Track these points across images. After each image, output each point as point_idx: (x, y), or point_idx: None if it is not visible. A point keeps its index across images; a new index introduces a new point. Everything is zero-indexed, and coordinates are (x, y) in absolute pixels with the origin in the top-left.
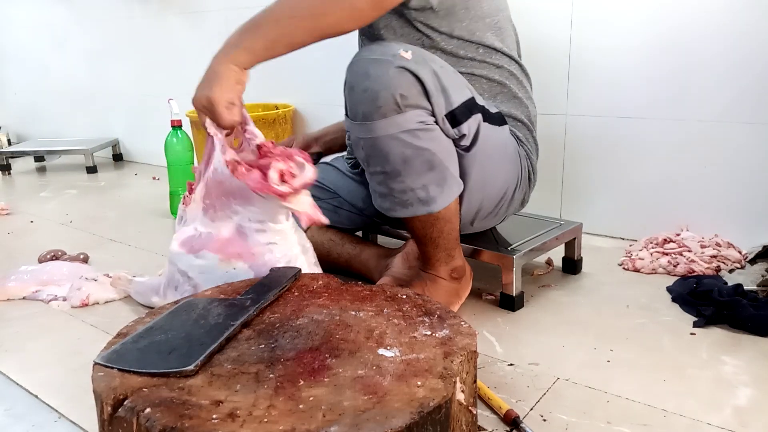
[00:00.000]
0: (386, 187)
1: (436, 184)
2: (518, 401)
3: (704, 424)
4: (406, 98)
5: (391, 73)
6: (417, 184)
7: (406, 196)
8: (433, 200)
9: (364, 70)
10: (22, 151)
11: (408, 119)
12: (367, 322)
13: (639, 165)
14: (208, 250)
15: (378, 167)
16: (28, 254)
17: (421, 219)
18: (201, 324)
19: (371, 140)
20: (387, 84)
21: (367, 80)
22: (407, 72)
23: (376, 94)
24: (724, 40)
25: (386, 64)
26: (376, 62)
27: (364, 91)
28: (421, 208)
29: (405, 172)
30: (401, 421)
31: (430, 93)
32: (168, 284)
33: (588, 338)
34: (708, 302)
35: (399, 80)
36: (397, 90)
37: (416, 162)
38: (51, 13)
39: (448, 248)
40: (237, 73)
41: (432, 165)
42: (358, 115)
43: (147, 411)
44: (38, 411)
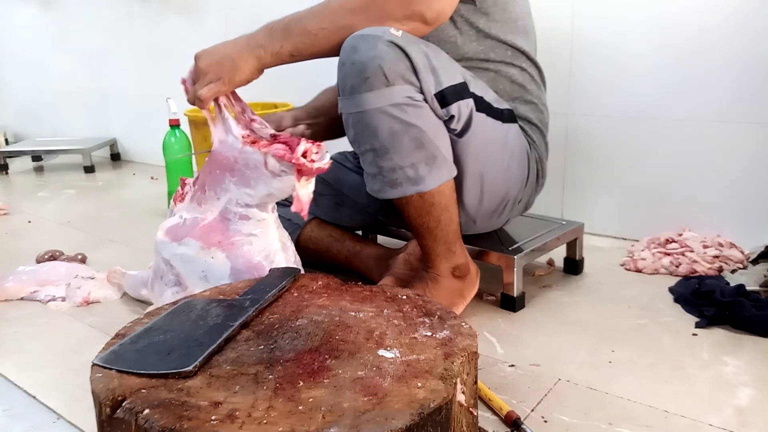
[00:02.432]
0: (375, 167)
1: (425, 162)
2: (519, 402)
3: (705, 424)
4: (393, 71)
5: (379, 47)
6: (405, 162)
7: (395, 175)
8: (422, 179)
9: (353, 44)
10: (20, 150)
11: (396, 93)
12: (367, 323)
13: (641, 165)
14: (191, 237)
15: (367, 145)
16: (26, 254)
17: (414, 205)
18: (200, 325)
19: (359, 115)
20: (374, 56)
21: (355, 54)
22: (396, 47)
23: (364, 66)
24: (726, 40)
25: (375, 39)
26: (365, 37)
27: (352, 64)
28: (410, 188)
29: (393, 149)
30: (401, 422)
31: (418, 70)
32: (155, 275)
33: (589, 339)
34: (710, 303)
35: (387, 53)
36: (384, 62)
37: (404, 138)
38: (49, 13)
39: (448, 242)
40: (253, 74)
41: (421, 143)
42: (346, 88)
43: (146, 412)
44: (37, 412)
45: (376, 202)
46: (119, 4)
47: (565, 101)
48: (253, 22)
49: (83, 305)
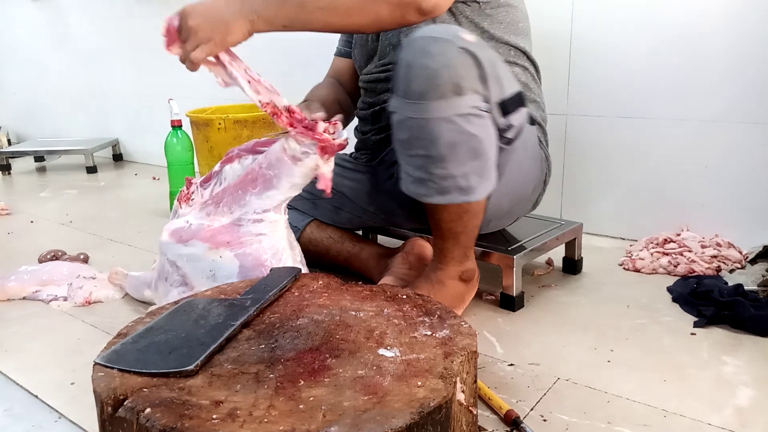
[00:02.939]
0: (425, 172)
1: (477, 173)
2: (518, 401)
3: (705, 424)
4: (465, 80)
5: (453, 53)
6: (459, 171)
7: (446, 183)
8: (473, 190)
9: (424, 47)
10: (22, 151)
11: (464, 103)
12: (367, 323)
13: (639, 165)
14: (197, 239)
15: (420, 150)
16: (28, 254)
17: (451, 210)
18: (201, 324)
19: (422, 121)
20: (448, 63)
21: (426, 57)
22: (468, 54)
23: (436, 73)
24: (726, 40)
25: (449, 44)
26: (437, 41)
27: (423, 68)
28: (459, 197)
29: (449, 158)
30: (401, 421)
31: (487, 78)
32: (159, 276)
33: (588, 338)
34: (708, 302)
35: (460, 61)
36: (458, 71)
37: (463, 148)
38: (51, 13)
39: (466, 246)
40: (244, 36)
41: (477, 153)
42: (412, 93)
43: (147, 411)
44: (38, 411)
45: (377, 202)
46: (120, 4)
47: (564, 101)
48: None
49: (85, 305)
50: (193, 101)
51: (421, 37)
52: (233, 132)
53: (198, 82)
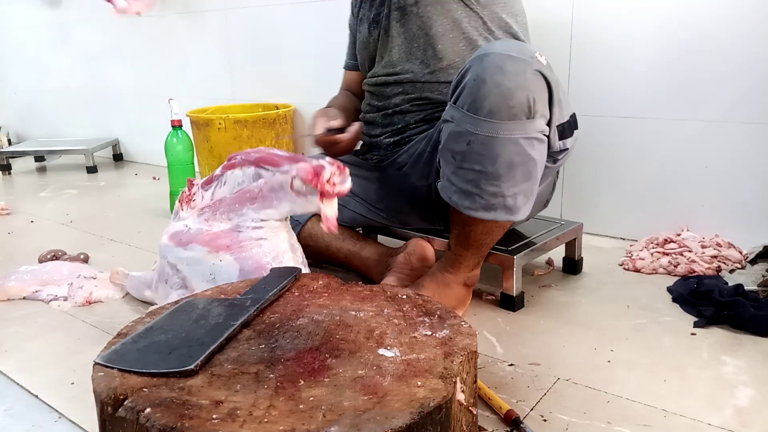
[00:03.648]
0: (476, 187)
1: (524, 194)
2: (518, 401)
3: (704, 424)
4: (537, 104)
5: (528, 74)
6: (510, 191)
7: (494, 200)
8: (518, 210)
9: (500, 64)
10: (23, 150)
11: (533, 126)
12: (367, 323)
13: (640, 165)
14: (197, 243)
15: (476, 165)
16: (28, 254)
17: (487, 225)
18: (201, 324)
19: (487, 138)
20: (524, 85)
21: (502, 76)
22: (542, 76)
23: (511, 93)
24: (726, 41)
25: (525, 64)
26: (514, 60)
27: (497, 86)
28: (504, 215)
29: (505, 177)
30: (401, 421)
31: (553, 102)
32: (159, 278)
33: (588, 338)
34: (708, 302)
35: (536, 85)
36: (531, 93)
37: (519, 170)
38: (51, 13)
39: (482, 256)
40: None
41: (530, 176)
42: (482, 109)
43: (147, 411)
44: (38, 411)
45: (386, 200)
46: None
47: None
48: (253, 23)
49: (85, 305)
50: (193, 101)
51: (496, 53)
52: (233, 132)
53: (198, 82)
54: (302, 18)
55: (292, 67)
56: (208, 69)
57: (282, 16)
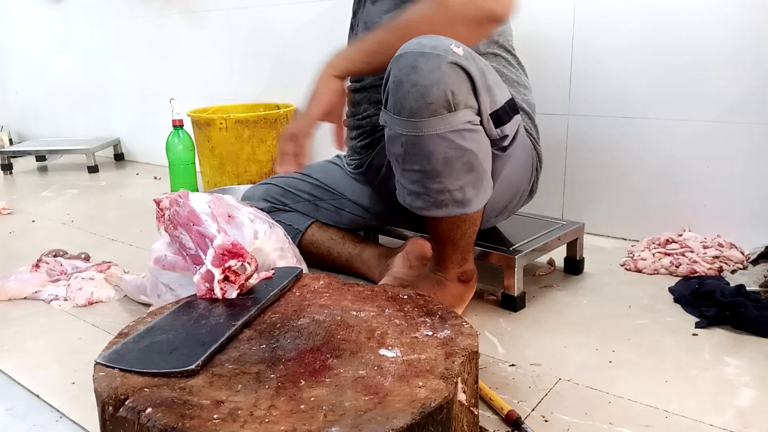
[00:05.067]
0: (421, 186)
1: (472, 186)
2: (520, 402)
3: (706, 425)
4: (456, 96)
5: (443, 69)
6: (455, 185)
7: (442, 197)
8: (469, 202)
9: (413, 63)
10: (24, 150)
11: (458, 118)
12: (368, 323)
13: (641, 165)
14: (178, 269)
15: (416, 165)
16: (29, 254)
17: (449, 220)
18: (202, 324)
19: (415, 138)
20: (439, 80)
21: (416, 74)
22: (459, 68)
23: (427, 90)
24: (729, 40)
25: (438, 59)
26: (426, 56)
27: (413, 86)
28: (456, 209)
29: (445, 173)
30: (402, 421)
31: (478, 91)
32: (152, 290)
33: (590, 339)
34: (710, 303)
35: (451, 77)
36: (449, 87)
37: (457, 163)
38: (52, 13)
39: (465, 251)
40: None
41: (472, 167)
42: (404, 110)
43: (148, 411)
44: (39, 411)
45: (379, 204)
46: (121, 4)
47: (566, 102)
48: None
49: (86, 305)
50: (194, 101)
51: (409, 53)
52: (234, 132)
53: (199, 82)
54: (304, 17)
55: (294, 67)
56: (209, 68)
57: (283, 15)
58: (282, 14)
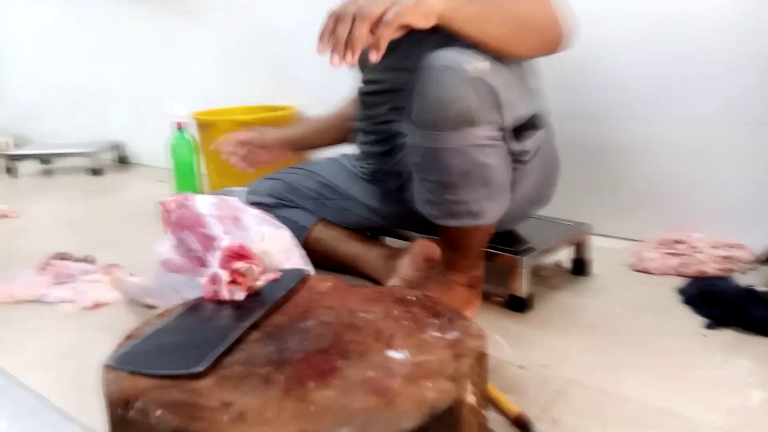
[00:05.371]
0: (438, 196)
1: (488, 198)
2: (529, 404)
3: (715, 427)
4: (477, 111)
5: (466, 83)
6: (471, 197)
7: (457, 208)
8: (484, 214)
9: (437, 77)
10: (28, 153)
11: (477, 134)
12: (375, 324)
13: (648, 165)
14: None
15: (434, 176)
16: (34, 257)
17: (462, 229)
18: (210, 326)
19: (434, 150)
20: (461, 95)
21: (437, 88)
22: (482, 82)
23: (446, 105)
24: (733, 40)
25: (462, 74)
26: (450, 70)
27: (433, 100)
28: (471, 221)
29: (461, 185)
30: (411, 423)
31: (501, 106)
32: (158, 292)
33: (598, 340)
34: (719, 304)
35: (474, 92)
36: (470, 102)
37: (475, 176)
38: (52, 14)
39: (475, 257)
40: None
41: (489, 180)
42: (425, 122)
43: (157, 413)
44: (46, 412)
45: (387, 207)
46: (120, 5)
47: (572, 102)
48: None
49: (92, 307)
50: (197, 103)
51: (434, 66)
52: None
53: (201, 84)
54: (304, 18)
55: (295, 68)
56: (210, 70)
57: (283, 16)
58: (282, 14)
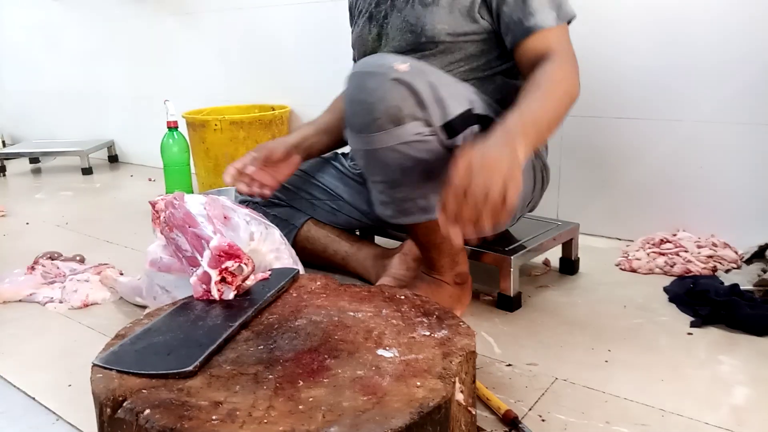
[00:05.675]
0: (387, 196)
1: (435, 191)
2: (517, 401)
3: (702, 423)
4: (401, 110)
5: (386, 86)
6: (417, 193)
7: (407, 205)
8: (433, 207)
9: (359, 82)
10: (17, 152)
11: (405, 131)
12: (365, 323)
13: (636, 166)
14: (174, 270)
15: (378, 177)
16: (23, 256)
17: (422, 225)
18: (199, 325)
19: (369, 152)
20: (382, 96)
21: (362, 93)
22: (402, 84)
23: (372, 107)
24: (721, 41)
25: (382, 77)
26: (371, 75)
27: (360, 104)
28: (423, 216)
29: (405, 182)
30: (401, 421)
31: (425, 104)
32: (148, 292)
33: (586, 338)
34: (705, 302)
35: (394, 93)
36: (392, 102)
37: (415, 172)
38: (45, 14)
39: (452, 254)
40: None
41: (431, 174)
42: (355, 127)
43: (146, 412)
44: (36, 413)
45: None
46: (115, 5)
47: None
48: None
49: (82, 307)
50: (189, 102)
51: (358, 72)
52: (229, 133)
53: (194, 84)
54: (298, 19)
55: (288, 68)
56: (203, 70)
57: (277, 17)
58: (276, 15)
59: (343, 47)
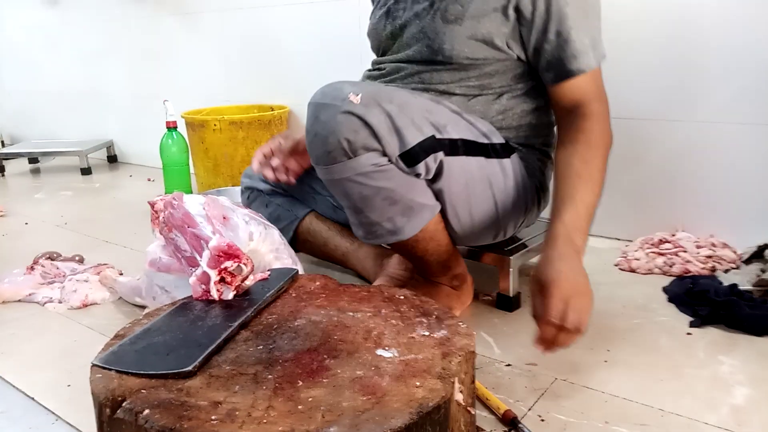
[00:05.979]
0: (356, 219)
1: (401, 215)
2: (516, 401)
3: (701, 423)
4: (353, 143)
5: (338, 118)
6: (382, 218)
7: (374, 228)
8: (401, 230)
9: (315, 114)
10: (16, 152)
11: (360, 163)
12: (365, 323)
13: (635, 166)
14: (173, 270)
15: (344, 202)
16: (22, 256)
17: (399, 244)
18: (199, 325)
19: (329, 181)
20: (333, 129)
21: (316, 125)
22: (354, 116)
23: (325, 140)
24: (721, 41)
25: (334, 109)
26: (324, 107)
27: (314, 136)
28: (392, 237)
29: (367, 209)
30: (400, 421)
31: (380, 135)
32: (147, 292)
33: (585, 338)
34: (704, 302)
35: (346, 125)
36: (343, 135)
37: (376, 200)
38: (45, 14)
39: (441, 261)
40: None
41: (393, 200)
42: (312, 158)
43: (146, 412)
44: (35, 413)
45: None
46: (115, 6)
47: None
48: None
49: (81, 307)
50: (188, 102)
51: (314, 104)
52: (228, 133)
53: (193, 84)
54: (297, 19)
55: (287, 68)
56: (203, 70)
57: (277, 17)
58: (276, 15)
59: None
